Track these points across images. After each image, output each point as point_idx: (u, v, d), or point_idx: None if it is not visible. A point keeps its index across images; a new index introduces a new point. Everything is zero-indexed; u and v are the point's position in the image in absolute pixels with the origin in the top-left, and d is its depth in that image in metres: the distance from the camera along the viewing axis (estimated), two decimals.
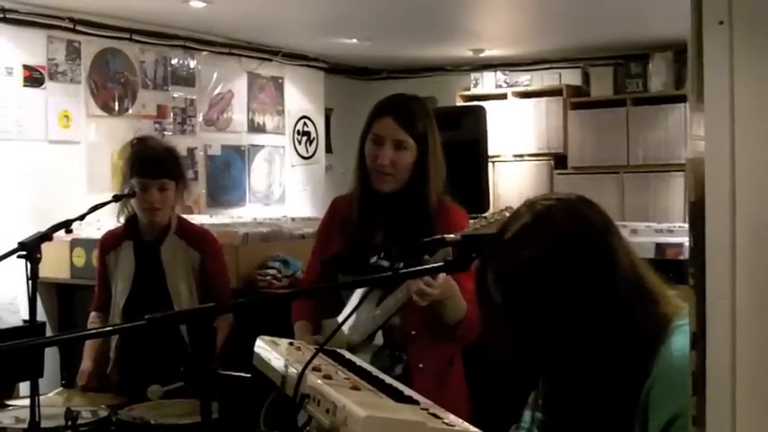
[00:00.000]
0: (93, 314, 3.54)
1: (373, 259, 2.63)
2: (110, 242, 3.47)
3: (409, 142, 2.61)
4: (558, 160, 7.46)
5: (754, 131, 0.87)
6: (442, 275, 2.35)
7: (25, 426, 2.49)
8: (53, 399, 2.93)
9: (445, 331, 2.53)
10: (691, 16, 0.92)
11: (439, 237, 1.57)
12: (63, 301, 5.20)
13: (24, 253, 2.48)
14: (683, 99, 6.75)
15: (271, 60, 7.01)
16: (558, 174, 7.40)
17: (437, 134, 2.72)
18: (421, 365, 2.55)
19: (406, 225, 2.61)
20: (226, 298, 3.42)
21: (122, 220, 3.46)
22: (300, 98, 7.43)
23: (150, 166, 3.27)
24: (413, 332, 2.56)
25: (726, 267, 0.89)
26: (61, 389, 3.05)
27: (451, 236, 1.56)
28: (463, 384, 2.73)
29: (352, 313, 1.75)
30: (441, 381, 2.57)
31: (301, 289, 2.96)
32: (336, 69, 7.94)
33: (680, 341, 1.32)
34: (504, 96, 7.62)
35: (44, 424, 2.48)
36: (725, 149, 0.89)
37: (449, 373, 2.66)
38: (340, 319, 2.65)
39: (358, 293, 2.64)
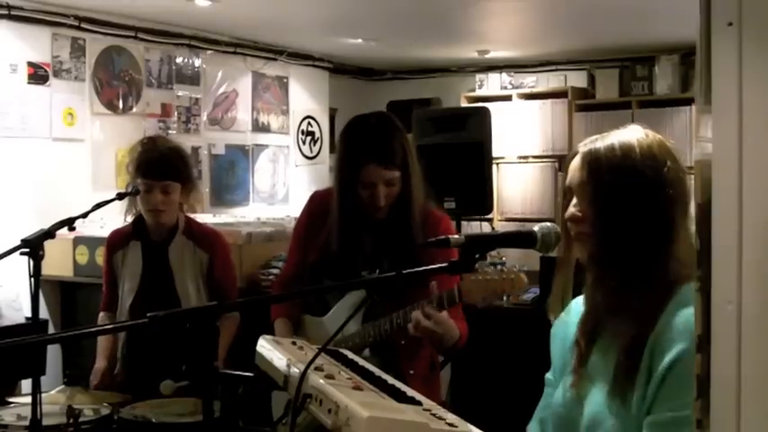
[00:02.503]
0: (102, 314, 3.54)
1: (364, 273, 2.71)
2: (117, 241, 3.47)
3: (397, 175, 2.72)
4: (563, 162, 7.44)
5: (763, 133, 0.86)
6: (444, 314, 2.49)
7: (27, 423, 2.49)
8: (55, 396, 2.93)
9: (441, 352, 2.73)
10: (699, 17, 0.91)
11: (443, 237, 1.56)
12: (66, 299, 5.20)
13: (27, 250, 2.48)
14: (688, 102, 6.74)
15: (276, 60, 7.01)
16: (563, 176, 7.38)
17: (412, 146, 2.83)
18: (412, 372, 2.66)
19: (394, 234, 2.72)
20: (233, 298, 3.42)
21: (129, 219, 3.46)
22: (305, 98, 7.43)
23: (155, 167, 3.26)
24: (402, 342, 2.65)
25: (733, 271, 0.88)
26: (63, 387, 3.04)
27: (455, 237, 1.55)
28: (441, 387, 2.94)
29: (347, 321, 1.74)
30: (428, 385, 2.69)
31: (300, 290, 2.98)
32: (341, 69, 7.93)
33: (684, 300, 1.54)
34: (508, 98, 7.61)
35: (46, 422, 2.48)
36: (733, 151, 0.88)
37: (433, 377, 2.83)
38: (328, 321, 2.75)
39: (348, 298, 2.73)
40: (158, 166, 3.27)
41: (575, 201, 1.68)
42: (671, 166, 1.63)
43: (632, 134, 1.66)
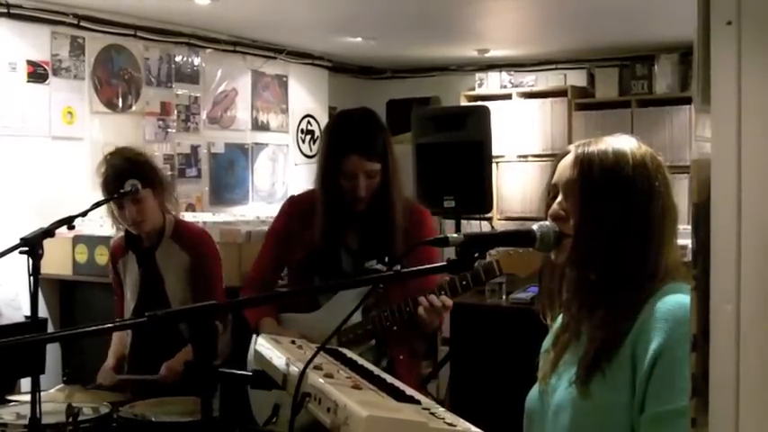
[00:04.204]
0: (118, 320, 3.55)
1: (369, 264, 2.83)
2: (117, 252, 3.52)
3: (377, 168, 2.85)
4: None
5: (762, 133, 0.86)
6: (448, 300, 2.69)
7: (26, 422, 2.49)
8: (54, 395, 2.93)
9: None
10: (697, 16, 0.91)
11: (442, 236, 1.56)
12: (65, 298, 5.20)
13: (26, 249, 2.48)
14: (688, 101, 6.73)
15: (275, 58, 7.00)
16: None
17: (391, 140, 2.95)
18: (401, 357, 2.88)
19: (377, 227, 2.85)
20: (218, 300, 3.41)
21: (116, 230, 3.48)
22: (304, 97, 7.42)
23: (115, 183, 3.20)
24: (394, 328, 2.80)
25: (731, 272, 0.87)
26: (62, 385, 3.04)
27: (454, 235, 1.55)
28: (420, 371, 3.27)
29: (351, 314, 1.74)
30: (411, 370, 2.93)
31: (297, 289, 3.05)
32: (341, 68, 7.93)
33: (668, 297, 1.56)
34: (508, 97, 7.60)
35: (45, 420, 2.48)
36: (731, 151, 0.88)
37: (415, 364, 3.04)
38: (319, 319, 2.84)
39: (342, 295, 2.83)
40: (117, 181, 3.21)
41: (560, 198, 1.67)
42: (661, 180, 1.66)
43: (626, 143, 1.68)
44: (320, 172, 2.92)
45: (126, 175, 3.20)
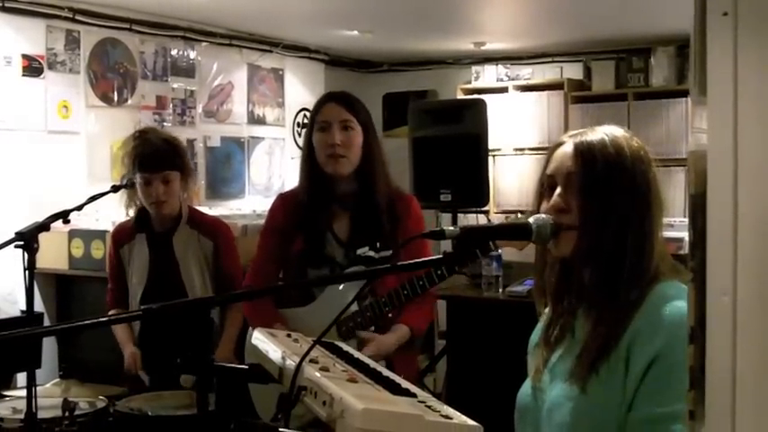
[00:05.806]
0: (112, 312, 3.52)
1: (361, 251, 2.81)
2: (122, 236, 3.50)
3: (355, 122, 2.80)
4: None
5: (759, 124, 0.86)
6: (374, 345, 2.72)
7: (22, 416, 2.49)
8: (50, 389, 2.93)
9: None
10: (693, 6, 0.90)
11: (438, 230, 1.55)
12: (61, 292, 5.19)
13: (22, 243, 2.48)
14: (684, 94, 6.73)
15: (271, 52, 6.99)
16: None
17: (372, 120, 2.96)
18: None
19: (365, 212, 2.82)
20: (239, 287, 3.42)
21: (131, 213, 3.47)
22: (301, 90, 7.41)
23: (152, 159, 3.28)
24: (389, 315, 2.83)
25: (728, 263, 0.87)
26: (59, 380, 3.04)
27: (451, 228, 1.55)
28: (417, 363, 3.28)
29: (349, 305, 1.74)
30: (410, 361, 2.99)
31: (292, 283, 3.03)
32: (337, 61, 7.91)
33: (670, 293, 1.56)
34: (505, 90, 7.60)
35: (41, 415, 2.49)
36: (728, 142, 0.87)
37: (412, 355, 3.07)
38: (313, 312, 2.83)
39: (333, 288, 2.83)
40: (155, 158, 3.29)
41: (559, 190, 1.64)
42: (653, 172, 1.66)
43: (619, 133, 1.68)
44: (304, 140, 2.92)
45: (164, 155, 3.29)
